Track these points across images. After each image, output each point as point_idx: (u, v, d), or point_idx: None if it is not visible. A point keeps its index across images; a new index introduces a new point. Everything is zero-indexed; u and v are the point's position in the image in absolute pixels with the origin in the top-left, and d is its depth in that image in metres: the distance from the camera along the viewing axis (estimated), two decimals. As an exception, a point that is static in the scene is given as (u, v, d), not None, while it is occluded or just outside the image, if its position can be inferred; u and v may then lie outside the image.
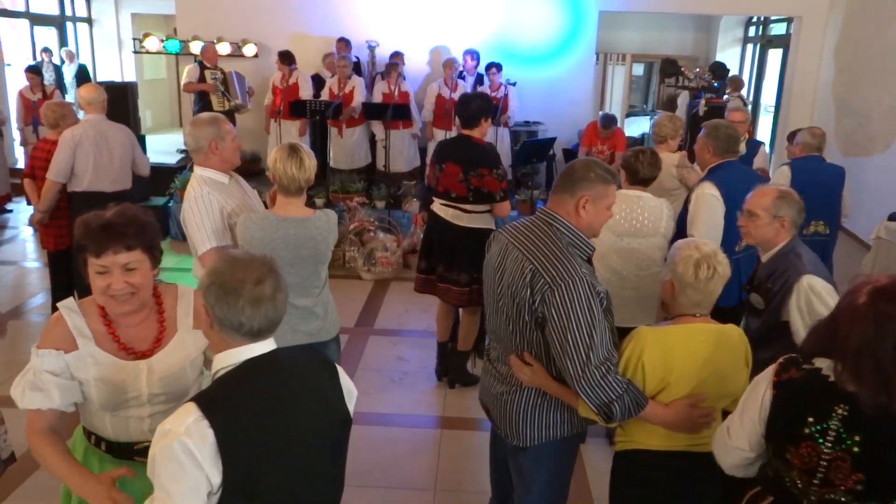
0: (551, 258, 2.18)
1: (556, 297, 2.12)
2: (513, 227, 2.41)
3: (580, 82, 9.62)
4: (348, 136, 8.42)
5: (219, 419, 1.55)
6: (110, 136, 5.07)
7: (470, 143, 4.29)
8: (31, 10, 11.91)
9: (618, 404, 2.12)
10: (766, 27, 11.35)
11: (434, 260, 4.48)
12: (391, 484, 3.70)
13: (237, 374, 1.64)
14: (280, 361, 1.71)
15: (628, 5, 9.59)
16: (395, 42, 9.22)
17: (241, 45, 9.32)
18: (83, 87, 5.23)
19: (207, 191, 3.07)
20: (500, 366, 2.48)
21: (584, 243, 2.29)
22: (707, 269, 2.21)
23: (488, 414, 2.61)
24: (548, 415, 2.38)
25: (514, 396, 2.40)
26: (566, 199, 2.28)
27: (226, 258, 1.70)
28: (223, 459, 1.54)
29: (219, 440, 1.53)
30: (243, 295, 1.61)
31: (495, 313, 2.42)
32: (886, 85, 7.82)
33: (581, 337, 2.11)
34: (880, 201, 7.19)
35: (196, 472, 1.53)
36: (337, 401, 1.81)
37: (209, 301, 1.63)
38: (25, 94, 9.10)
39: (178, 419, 1.55)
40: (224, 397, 1.61)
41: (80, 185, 5.00)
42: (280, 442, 1.63)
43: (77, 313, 2.02)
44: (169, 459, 1.53)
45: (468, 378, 4.75)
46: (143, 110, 10.31)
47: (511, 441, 2.44)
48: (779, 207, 2.77)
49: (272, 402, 1.64)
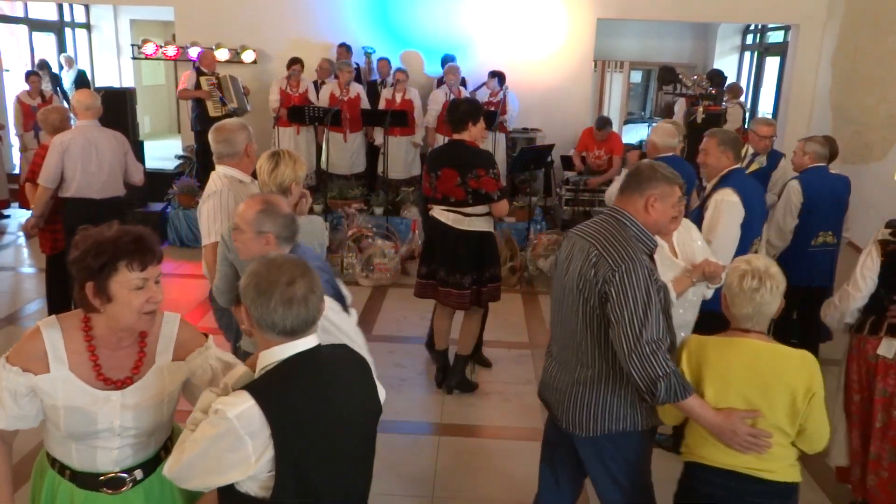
0: (615, 244, 2.36)
1: (617, 277, 2.30)
2: (583, 224, 2.58)
3: (578, 89, 9.64)
4: (351, 140, 8.44)
5: (272, 408, 1.65)
6: (101, 142, 5.05)
7: (463, 146, 4.34)
8: (30, 16, 11.92)
9: (664, 382, 2.24)
10: (763, 35, 11.39)
11: (435, 265, 4.49)
12: (389, 491, 3.68)
13: (284, 369, 1.75)
14: (322, 357, 1.83)
15: (626, 13, 9.61)
16: (393, 49, 9.25)
17: (240, 52, 9.33)
18: (80, 92, 5.23)
19: (227, 188, 3.27)
20: (564, 358, 2.56)
21: (649, 238, 2.45)
22: (752, 280, 2.30)
23: (549, 409, 2.68)
24: (611, 406, 2.46)
25: (577, 388, 2.49)
26: (635, 198, 2.44)
27: (265, 259, 1.79)
28: (276, 446, 1.65)
29: (272, 427, 1.64)
30: (275, 296, 1.71)
31: (561, 304, 2.54)
32: (884, 93, 7.85)
33: (636, 314, 2.27)
34: (877, 209, 7.19)
35: (233, 456, 1.64)
36: (370, 393, 1.96)
37: (247, 301, 1.73)
38: (24, 99, 9.09)
39: (231, 403, 1.65)
40: (275, 388, 1.71)
41: (69, 191, 4.99)
42: (325, 430, 1.75)
43: (58, 333, 1.90)
44: (212, 439, 1.64)
45: (467, 384, 4.75)
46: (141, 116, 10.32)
47: (577, 432, 2.52)
48: (262, 223, 2.55)
49: (317, 393, 1.76)
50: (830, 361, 5.08)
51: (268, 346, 1.77)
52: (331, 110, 7.88)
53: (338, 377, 1.86)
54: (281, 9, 9.43)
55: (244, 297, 1.74)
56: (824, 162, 4.82)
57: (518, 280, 6.96)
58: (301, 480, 1.72)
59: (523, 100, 8.90)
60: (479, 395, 4.74)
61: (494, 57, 9.12)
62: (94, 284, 1.83)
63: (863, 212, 7.25)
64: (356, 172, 8.58)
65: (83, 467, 1.96)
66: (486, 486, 3.78)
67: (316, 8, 9.44)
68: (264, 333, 1.76)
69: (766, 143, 5.47)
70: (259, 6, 9.43)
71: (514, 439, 4.27)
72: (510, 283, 6.78)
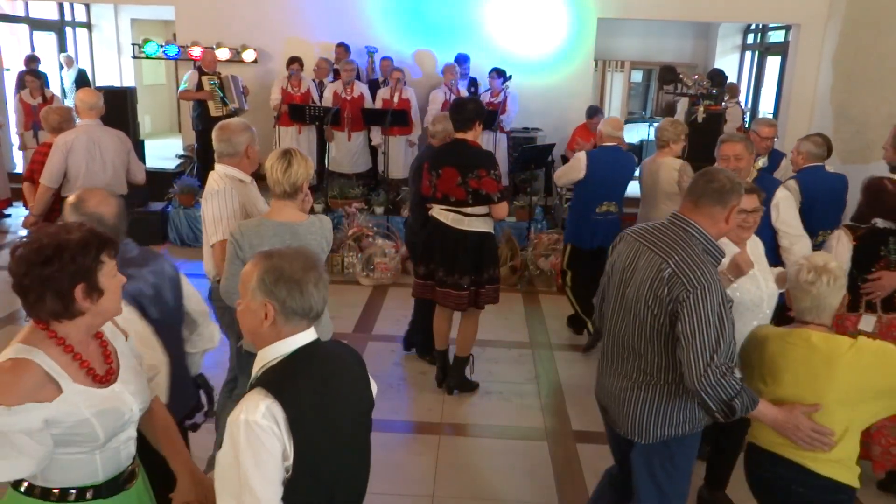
0: (690, 263, 2.34)
1: (692, 299, 2.28)
2: (642, 229, 2.57)
3: (579, 89, 9.63)
4: (354, 139, 8.44)
5: (288, 400, 1.70)
6: (104, 142, 5.05)
7: (465, 146, 4.32)
8: (31, 15, 11.91)
9: (738, 401, 2.26)
10: (764, 34, 11.38)
11: (434, 265, 4.48)
12: (389, 490, 3.68)
13: (293, 361, 1.79)
14: (325, 348, 1.90)
15: (627, 12, 9.60)
16: (394, 48, 9.24)
17: (241, 51, 9.32)
18: (82, 91, 5.21)
19: (231, 187, 3.33)
20: (621, 364, 2.56)
21: (718, 250, 2.45)
22: (808, 274, 2.39)
23: (605, 413, 2.70)
24: (669, 413, 2.47)
25: (636, 393, 2.50)
26: (716, 210, 2.41)
27: (270, 255, 1.82)
28: (294, 438, 1.69)
29: (290, 420, 1.68)
30: (309, 281, 1.78)
31: (618, 310, 2.53)
32: (884, 93, 7.84)
33: (709, 339, 2.25)
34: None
35: (277, 455, 1.68)
36: (366, 385, 2.01)
37: (280, 296, 1.76)
38: (25, 98, 9.10)
39: (250, 406, 1.68)
40: (288, 381, 1.75)
41: (72, 191, 4.97)
42: (334, 420, 1.81)
43: (41, 353, 1.79)
44: (254, 447, 1.66)
45: (468, 384, 4.74)
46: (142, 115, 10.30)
47: (632, 438, 2.53)
48: None
49: (325, 384, 1.81)
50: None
51: (272, 342, 1.80)
52: (331, 109, 7.88)
53: (341, 369, 1.91)
54: (282, 8, 9.43)
55: (275, 294, 1.76)
56: (819, 161, 4.81)
57: (518, 279, 6.96)
58: (314, 474, 1.75)
59: (524, 99, 8.90)
60: (479, 395, 4.74)
61: (495, 56, 9.11)
62: (86, 284, 1.79)
63: (864, 211, 7.24)
64: (358, 172, 8.59)
65: (108, 474, 1.94)
66: (486, 486, 3.78)
67: (317, 7, 9.43)
68: (291, 324, 1.79)
69: (768, 144, 5.46)
70: (260, 5, 9.42)
71: (514, 439, 4.26)
72: (510, 283, 6.78)
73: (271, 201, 3.15)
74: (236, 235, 3.00)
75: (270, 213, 3.11)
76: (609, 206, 5.34)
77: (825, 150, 4.84)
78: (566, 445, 4.19)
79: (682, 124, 5.53)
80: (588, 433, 4.33)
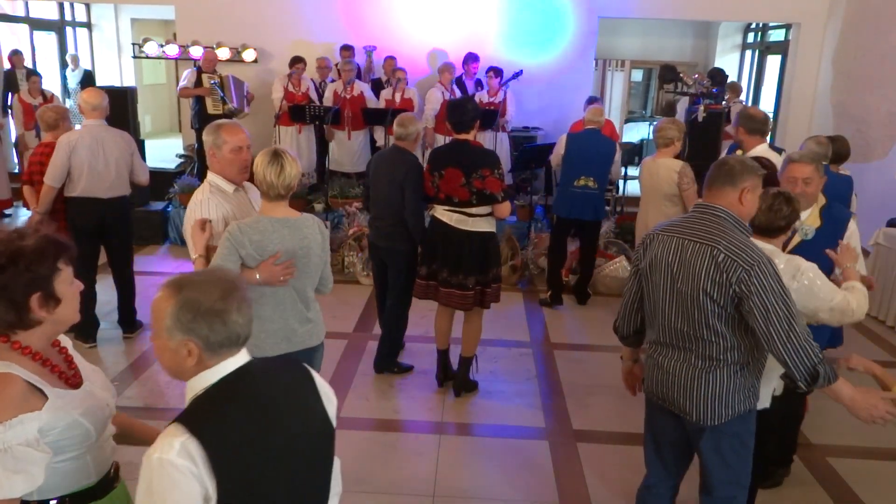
0: (737, 244, 2.45)
1: (754, 277, 2.38)
2: (671, 225, 2.66)
3: (579, 88, 9.61)
4: (354, 137, 8.44)
5: (206, 435, 1.53)
6: (108, 142, 5.05)
7: (468, 146, 4.33)
8: (31, 15, 11.91)
9: (822, 367, 2.36)
10: (764, 33, 11.38)
11: (437, 266, 4.47)
12: (390, 490, 3.68)
13: (216, 391, 1.62)
14: (256, 372, 1.69)
15: (627, 11, 9.60)
16: (394, 48, 9.23)
17: (241, 51, 9.32)
18: (86, 92, 5.19)
19: (209, 197, 3.12)
20: (681, 354, 2.62)
21: (746, 228, 2.56)
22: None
23: (662, 404, 2.73)
24: (735, 392, 2.55)
25: (705, 378, 2.56)
26: (728, 191, 2.54)
27: (180, 286, 1.62)
28: (216, 475, 1.52)
29: (210, 456, 1.52)
30: (231, 309, 1.61)
31: (674, 304, 2.59)
32: (885, 91, 7.83)
33: (782, 309, 2.37)
34: (879, 207, 7.19)
35: (195, 497, 1.51)
36: (318, 406, 1.79)
37: (201, 333, 1.59)
38: (25, 98, 9.10)
39: (165, 444, 1.52)
40: (207, 413, 1.59)
41: (75, 191, 4.99)
42: (269, 450, 1.62)
43: (15, 366, 1.75)
44: (165, 488, 1.50)
45: (469, 384, 4.74)
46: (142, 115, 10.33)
47: (704, 423, 2.58)
48: None
49: (255, 411, 1.63)
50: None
51: (199, 372, 1.64)
52: (331, 109, 7.87)
53: (283, 390, 1.72)
54: (282, 8, 9.43)
55: (195, 331, 1.58)
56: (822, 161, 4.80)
57: (519, 279, 6.96)
58: None
59: (524, 98, 8.90)
60: (480, 394, 4.74)
61: (496, 56, 9.11)
62: (42, 293, 1.73)
63: (865, 210, 7.24)
64: (359, 171, 8.58)
65: (101, 472, 1.93)
66: (486, 486, 3.78)
67: (317, 7, 9.43)
68: (219, 354, 1.63)
69: None
70: (260, 5, 9.42)
71: (515, 438, 4.27)
72: (511, 282, 6.78)
73: (262, 202, 3.06)
74: (235, 234, 2.92)
75: (264, 211, 3.05)
76: (587, 181, 6.08)
77: (828, 150, 4.83)
78: (566, 445, 4.19)
79: (681, 124, 5.54)
80: (588, 432, 4.33)
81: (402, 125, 4.59)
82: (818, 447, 4.19)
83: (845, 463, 4.09)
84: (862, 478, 3.95)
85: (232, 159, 3.15)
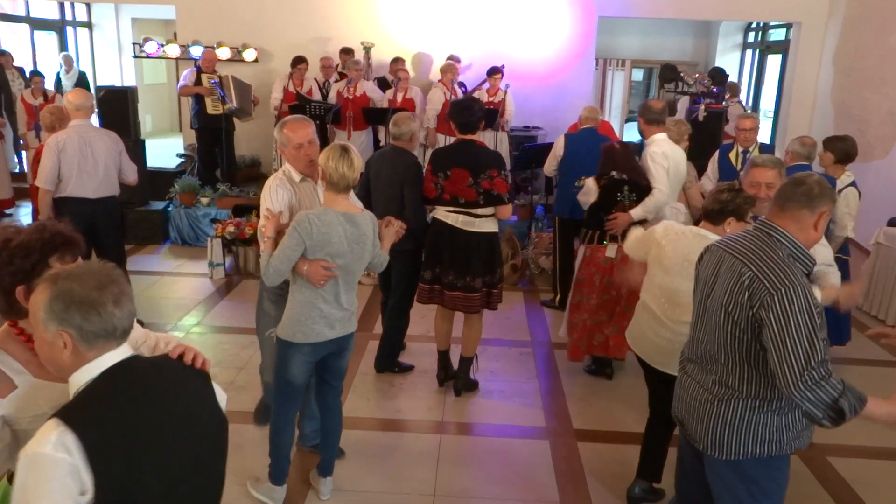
0: (770, 265, 2.21)
1: (776, 302, 2.14)
2: (729, 239, 2.46)
3: (580, 87, 9.63)
4: (356, 137, 8.43)
5: (83, 429, 1.52)
6: (95, 142, 5.06)
7: (475, 146, 4.32)
8: (32, 15, 11.92)
9: (844, 400, 2.10)
10: (765, 33, 11.38)
11: (441, 269, 4.43)
12: (391, 489, 3.69)
13: (98, 384, 1.61)
14: (140, 365, 1.69)
15: (628, 11, 9.60)
16: (394, 48, 9.24)
17: (242, 50, 9.32)
18: (71, 92, 5.24)
19: (278, 185, 3.40)
20: (702, 376, 2.47)
21: (808, 257, 2.29)
22: None
23: (682, 426, 2.59)
24: (752, 429, 2.34)
25: (717, 407, 2.38)
26: (804, 214, 2.27)
27: (55, 279, 1.62)
28: (93, 469, 1.51)
29: (87, 448, 1.51)
30: (106, 301, 1.59)
31: (700, 319, 2.46)
32: (885, 91, 7.84)
33: (801, 343, 2.11)
34: (879, 207, 7.19)
35: (70, 489, 1.50)
36: (211, 401, 1.82)
37: (75, 322, 1.58)
38: (27, 98, 9.11)
39: (41, 438, 1.51)
40: (86, 407, 1.58)
41: (64, 191, 4.99)
42: (153, 444, 1.61)
43: (1, 352, 1.82)
44: (38, 480, 1.49)
45: (469, 383, 4.75)
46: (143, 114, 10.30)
47: (713, 454, 2.41)
48: None
49: (138, 404, 1.62)
50: (848, 360, 5.11)
51: (80, 366, 1.62)
52: (332, 108, 7.87)
53: (168, 386, 1.72)
54: (283, 7, 9.43)
55: (69, 322, 1.57)
56: (805, 161, 4.86)
57: (519, 278, 6.96)
58: (127, 502, 1.59)
59: (524, 98, 8.89)
60: (480, 394, 4.74)
61: (496, 55, 9.11)
62: (26, 287, 1.77)
63: (865, 209, 7.24)
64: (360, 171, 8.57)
65: None
66: (487, 486, 3.79)
67: (318, 6, 9.43)
68: (96, 347, 1.61)
69: (746, 136, 5.51)
70: (261, 5, 9.43)
71: (515, 438, 4.27)
72: (511, 282, 6.78)
73: (325, 194, 3.22)
74: (304, 224, 3.05)
75: (328, 203, 3.19)
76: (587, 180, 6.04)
77: (811, 151, 4.91)
78: (567, 445, 4.20)
79: (686, 124, 5.57)
80: (589, 432, 4.34)
81: (396, 124, 4.57)
82: (818, 447, 4.19)
83: (845, 462, 4.09)
84: (862, 477, 3.95)
85: (296, 155, 3.41)
